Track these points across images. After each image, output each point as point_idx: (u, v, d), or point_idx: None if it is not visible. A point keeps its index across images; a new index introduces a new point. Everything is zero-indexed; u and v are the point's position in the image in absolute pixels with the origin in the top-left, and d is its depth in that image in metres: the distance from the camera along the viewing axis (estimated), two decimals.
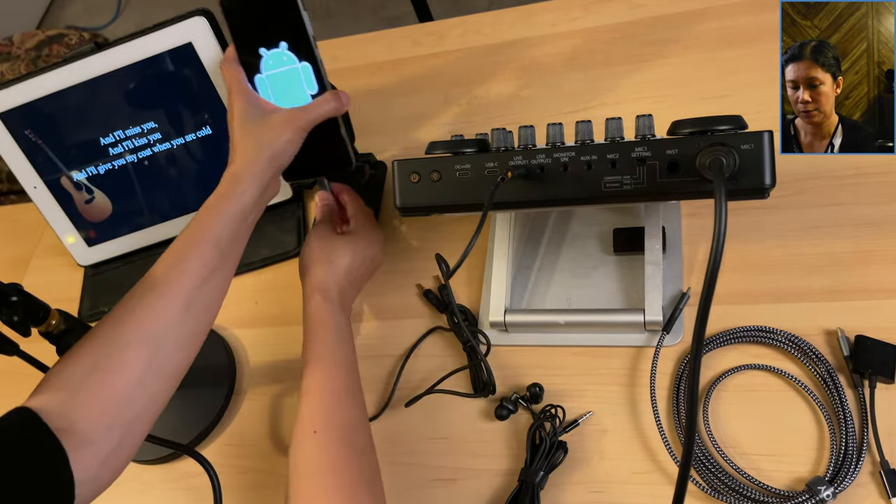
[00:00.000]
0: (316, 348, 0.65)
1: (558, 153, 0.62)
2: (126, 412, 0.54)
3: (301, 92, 0.69)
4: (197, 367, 0.61)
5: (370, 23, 2.40)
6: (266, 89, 0.70)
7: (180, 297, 0.59)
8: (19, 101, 0.83)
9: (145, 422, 0.56)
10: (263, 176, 0.65)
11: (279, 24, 0.67)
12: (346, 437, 0.60)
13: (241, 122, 0.67)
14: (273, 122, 0.67)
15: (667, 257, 0.72)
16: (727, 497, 0.60)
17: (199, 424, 0.78)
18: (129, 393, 0.54)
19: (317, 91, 0.69)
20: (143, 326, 0.57)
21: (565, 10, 0.96)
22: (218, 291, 0.63)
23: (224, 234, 0.63)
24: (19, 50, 1.58)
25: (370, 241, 0.75)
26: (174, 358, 0.58)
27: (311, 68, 0.69)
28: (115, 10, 2.85)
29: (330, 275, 0.70)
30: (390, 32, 1.05)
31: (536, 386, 0.69)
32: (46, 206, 0.90)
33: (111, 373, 0.54)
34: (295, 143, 0.67)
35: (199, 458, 0.68)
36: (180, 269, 0.60)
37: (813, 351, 0.64)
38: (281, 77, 0.69)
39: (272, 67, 0.69)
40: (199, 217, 0.63)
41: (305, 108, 0.68)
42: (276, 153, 0.66)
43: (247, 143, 0.66)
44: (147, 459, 0.78)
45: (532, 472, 0.63)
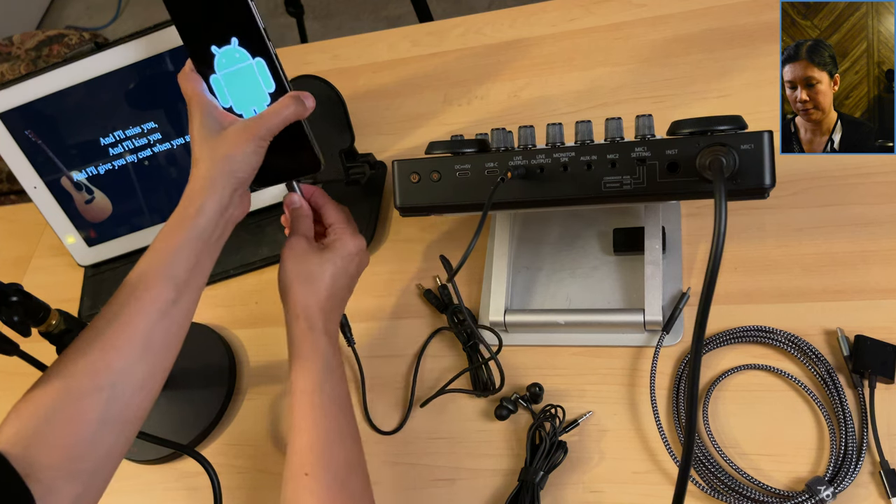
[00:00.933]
0: (303, 383, 0.61)
1: (558, 153, 0.62)
2: (85, 461, 0.52)
3: (258, 91, 0.66)
4: (197, 368, 0.60)
5: (370, 23, 2.40)
6: (222, 90, 0.66)
7: (136, 338, 0.55)
8: (19, 101, 0.83)
9: (109, 466, 0.54)
10: (222, 193, 0.61)
11: (226, 17, 0.64)
12: (339, 481, 0.57)
13: (199, 137, 0.63)
14: (230, 134, 0.62)
15: (667, 257, 0.72)
16: (727, 497, 0.60)
17: (199, 424, 0.78)
18: (86, 444, 0.52)
19: (274, 89, 0.66)
20: (98, 373, 0.53)
21: (565, 10, 0.96)
22: (178, 324, 0.59)
23: (180, 265, 0.58)
24: (19, 50, 1.58)
25: (351, 252, 0.67)
26: (133, 402, 0.55)
27: (265, 64, 0.65)
28: (115, 10, 2.85)
29: (311, 297, 0.64)
30: (390, 32, 1.05)
31: (536, 386, 0.69)
32: (46, 206, 0.90)
33: (65, 423, 0.52)
34: (255, 154, 0.62)
35: (199, 458, 0.68)
36: (135, 308, 0.56)
37: (813, 351, 0.64)
38: (235, 76, 0.66)
39: (226, 66, 0.65)
40: (154, 248, 0.59)
41: (263, 115, 0.63)
42: (234, 168, 0.61)
43: (203, 159, 0.62)
44: (147, 459, 0.78)
45: (532, 472, 0.63)
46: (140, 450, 0.77)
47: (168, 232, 0.60)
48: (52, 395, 0.52)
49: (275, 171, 0.67)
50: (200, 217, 0.60)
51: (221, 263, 0.89)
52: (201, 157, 0.62)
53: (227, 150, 0.61)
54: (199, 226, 0.60)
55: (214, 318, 0.86)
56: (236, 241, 0.90)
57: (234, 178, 0.62)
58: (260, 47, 0.64)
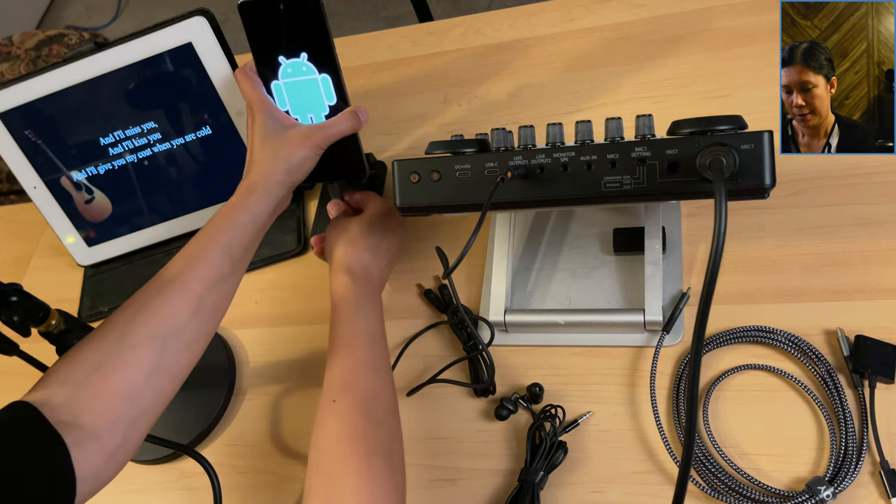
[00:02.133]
0: (338, 325, 0.67)
1: (558, 153, 0.62)
2: (131, 408, 0.54)
3: (319, 102, 0.69)
4: (197, 368, 0.61)
5: (370, 23, 2.40)
6: (282, 96, 0.69)
7: (191, 299, 0.60)
8: (19, 101, 0.83)
9: (149, 419, 0.56)
10: (279, 189, 0.67)
11: (302, 35, 0.67)
12: (364, 407, 0.61)
13: (261, 136, 0.69)
14: (291, 137, 0.69)
15: (667, 257, 0.72)
16: (727, 497, 0.60)
17: (199, 425, 0.78)
18: (136, 390, 0.55)
19: (335, 102, 0.69)
20: (153, 325, 0.57)
21: (565, 10, 0.96)
22: (226, 296, 0.64)
23: (235, 242, 0.64)
24: (19, 50, 1.58)
25: (379, 208, 0.77)
26: (181, 358, 0.59)
27: (330, 80, 0.69)
28: (115, 10, 2.85)
29: (349, 251, 0.72)
30: (390, 32, 1.05)
31: (536, 386, 0.69)
32: (46, 206, 0.90)
33: (118, 368, 0.54)
34: (311, 159, 0.69)
35: (199, 458, 0.68)
36: (192, 273, 0.61)
37: (813, 351, 0.64)
38: (299, 86, 0.69)
39: (290, 76, 0.69)
40: (212, 223, 0.65)
41: (324, 125, 0.70)
42: (292, 168, 0.68)
43: (265, 156, 0.68)
44: (147, 459, 0.78)
45: (532, 472, 0.63)
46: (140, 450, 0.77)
47: (226, 212, 0.65)
48: (106, 344, 0.56)
49: (324, 172, 0.72)
50: (259, 205, 0.66)
51: None
52: (262, 151, 0.68)
53: (288, 151, 0.68)
54: (255, 214, 0.66)
55: None
56: None
57: (292, 178, 0.68)
58: (329, 66, 0.68)
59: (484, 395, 0.71)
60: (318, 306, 0.83)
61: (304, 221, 0.90)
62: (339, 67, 0.68)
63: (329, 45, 0.67)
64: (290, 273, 0.87)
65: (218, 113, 0.84)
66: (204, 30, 0.78)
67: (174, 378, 0.58)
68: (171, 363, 0.58)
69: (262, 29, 0.68)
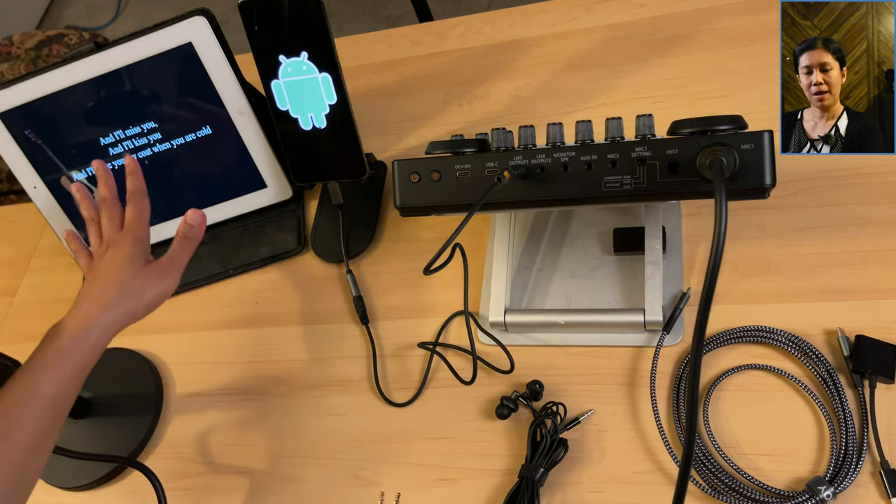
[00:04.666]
0: None
1: (558, 153, 0.62)
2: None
3: (319, 101, 0.69)
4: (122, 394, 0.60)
5: (370, 23, 2.40)
6: (282, 95, 0.69)
7: (13, 471, 0.52)
8: (19, 101, 0.83)
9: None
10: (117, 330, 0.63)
11: (303, 34, 0.67)
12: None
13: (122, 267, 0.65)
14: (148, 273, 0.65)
15: (667, 257, 0.72)
16: (727, 497, 0.60)
17: (131, 443, 0.78)
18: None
19: (335, 101, 0.69)
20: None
21: (565, 10, 0.96)
22: (47, 457, 0.56)
23: (63, 394, 0.57)
24: (19, 50, 1.58)
25: None
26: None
27: (331, 79, 0.69)
28: (115, 10, 2.85)
29: None
30: (390, 32, 1.05)
31: (536, 383, 0.69)
32: (46, 206, 0.90)
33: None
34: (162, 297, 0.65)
35: (142, 468, 0.68)
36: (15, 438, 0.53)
37: (813, 351, 0.64)
38: (299, 85, 0.69)
39: (290, 75, 0.69)
40: (35, 370, 0.57)
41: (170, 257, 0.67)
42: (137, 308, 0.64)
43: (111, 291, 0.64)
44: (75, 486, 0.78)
45: (532, 469, 0.63)
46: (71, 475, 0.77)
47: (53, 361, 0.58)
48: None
49: (324, 172, 0.71)
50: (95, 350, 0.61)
51: (221, 263, 0.89)
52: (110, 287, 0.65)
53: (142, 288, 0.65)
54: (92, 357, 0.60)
55: (214, 318, 0.86)
56: (236, 240, 0.90)
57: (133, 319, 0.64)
58: (329, 65, 0.68)
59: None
60: (318, 306, 0.83)
61: (304, 221, 0.90)
62: (339, 66, 0.68)
63: (329, 44, 0.67)
64: (290, 273, 0.87)
65: (218, 113, 0.84)
66: (204, 30, 0.78)
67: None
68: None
69: (262, 28, 0.68)
